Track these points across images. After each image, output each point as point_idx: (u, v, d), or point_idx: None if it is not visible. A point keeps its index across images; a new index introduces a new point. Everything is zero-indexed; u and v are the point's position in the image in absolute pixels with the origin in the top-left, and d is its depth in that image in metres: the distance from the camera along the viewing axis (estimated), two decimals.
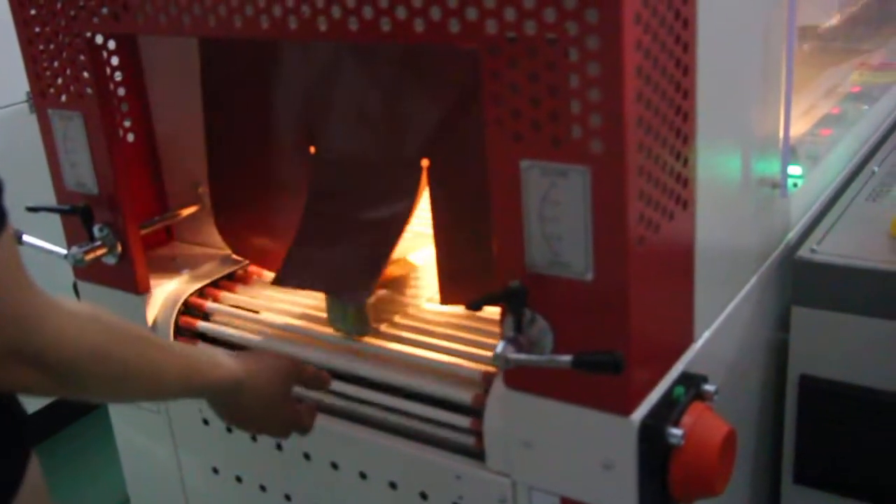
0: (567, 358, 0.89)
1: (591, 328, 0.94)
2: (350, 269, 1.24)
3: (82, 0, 1.20)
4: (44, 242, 1.33)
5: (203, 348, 1.13)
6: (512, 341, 0.94)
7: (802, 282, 1.29)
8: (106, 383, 0.89)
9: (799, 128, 1.57)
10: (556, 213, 0.92)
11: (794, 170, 1.35)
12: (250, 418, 1.08)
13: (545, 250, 0.93)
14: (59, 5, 1.23)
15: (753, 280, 1.25)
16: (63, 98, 1.29)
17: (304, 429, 1.13)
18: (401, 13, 0.95)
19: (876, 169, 1.57)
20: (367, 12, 0.97)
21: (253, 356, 1.09)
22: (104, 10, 1.18)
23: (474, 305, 0.95)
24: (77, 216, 1.31)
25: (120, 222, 1.31)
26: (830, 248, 1.30)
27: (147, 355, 0.93)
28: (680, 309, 1.05)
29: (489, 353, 0.97)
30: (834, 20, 1.96)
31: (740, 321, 1.22)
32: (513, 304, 0.94)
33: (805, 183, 1.39)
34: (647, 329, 0.96)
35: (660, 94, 0.92)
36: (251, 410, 1.07)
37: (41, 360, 0.82)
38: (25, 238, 1.33)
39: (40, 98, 1.32)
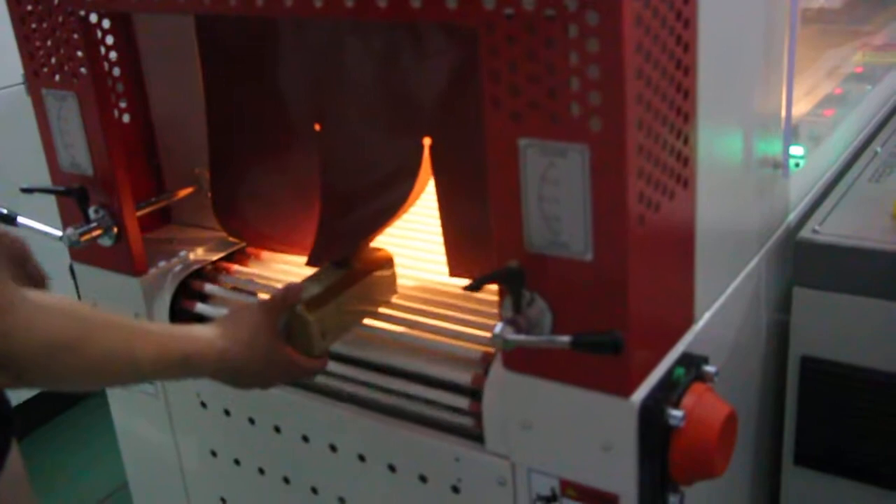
0: (566, 338, 0.89)
1: (591, 308, 0.93)
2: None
3: None
4: (39, 224, 1.31)
5: (181, 325, 1.12)
6: (511, 322, 0.93)
7: (804, 263, 1.28)
8: (76, 374, 0.87)
9: (801, 108, 1.56)
10: (554, 193, 0.90)
11: (795, 150, 1.34)
12: (251, 376, 1.07)
13: (544, 230, 0.92)
14: None
15: (755, 261, 1.24)
16: (57, 78, 1.28)
17: (308, 371, 1.11)
18: None
19: (879, 149, 1.55)
20: None
21: (230, 318, 1.07)
22: None
23: (473, 286, 0.94)
24: (72, 197, 1.30)
25: (115, 203, 1.29)
26: (832, 228, 1.29)
27: (119, 342, 0.91)
28: (680, 289, 1.04)
29: (488, 334, 0.96)
30: (836, 1, 1.95)
31: (741, 302, 1.21)
32: (511, 284, 0.93)
33: (807, 163, 1.37)
34: (647, 309, 0.95)
35: (660, 72, 0.90)
36: (248, 369, 1.05)
37: (7, 357, 0.79)
38: (21, 220, 1.32)
39: (34, 77, 1.31)
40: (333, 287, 1.15)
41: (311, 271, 1.23)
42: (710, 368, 1.01)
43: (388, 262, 1.24)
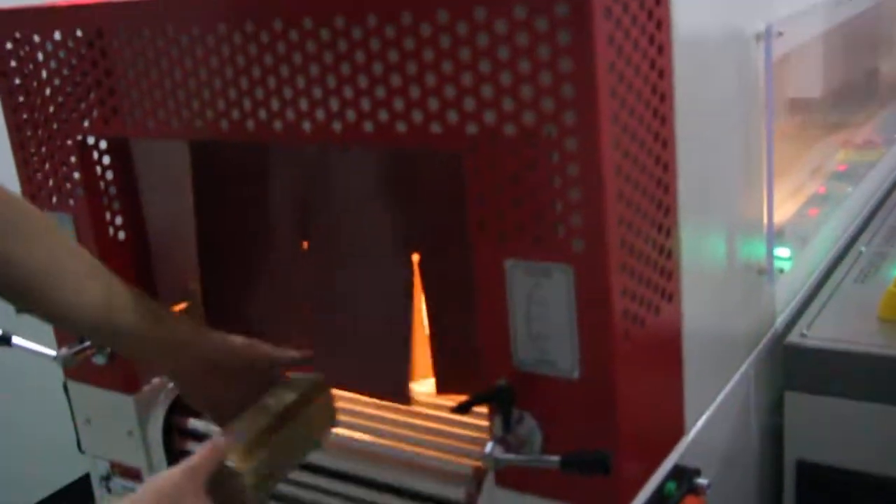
0: (555, 458, 0.89)
1: (580, 426, 0.93)
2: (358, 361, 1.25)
3: (74, 104, 1.22)
4: (33, 344, 1.32)
5: None
6: (501, 441, 0.94)
7: (794, 367, 1.28)
8: None
9: (787, 209, 1.58)
10: (541, 312, 0.92)
11: (782, 252, 1.36)
12: None
13: (531, 349, 0.93)
14: (51, 110, 1.26)
15: (744, 367, 1.25)
16: (54, 200, 1.30)
17: None
18: (383, 116, 0.96)
19: (863, 249, 1.57)
20: (350, 115, 0.99)
21: (150, 488, 0.93)
22: (94, 114, 1.20)
23: (461, 408, 0.94)
24: None
25: None
26: (820, 332, 1.30)
27: None
28: (669, 401, 1.04)
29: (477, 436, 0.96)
30: (816, 91, 1.99)
31: (732, 409, 1.21)
32: (500, 403, 0.94)
33: (793, 265, 1.39)
34: (637, 425, 0.96)
35: (641, 191, 0.93)
36: None
37: None
38: (15, 340, 1.32)
39: (31, 200, 1.33)
40: (266, 430, 1.03)
41: None
42: (702, 481, 1.01)
43: (323, 390, 1.12)
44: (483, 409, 0.99)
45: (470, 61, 0.89)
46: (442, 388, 1.20)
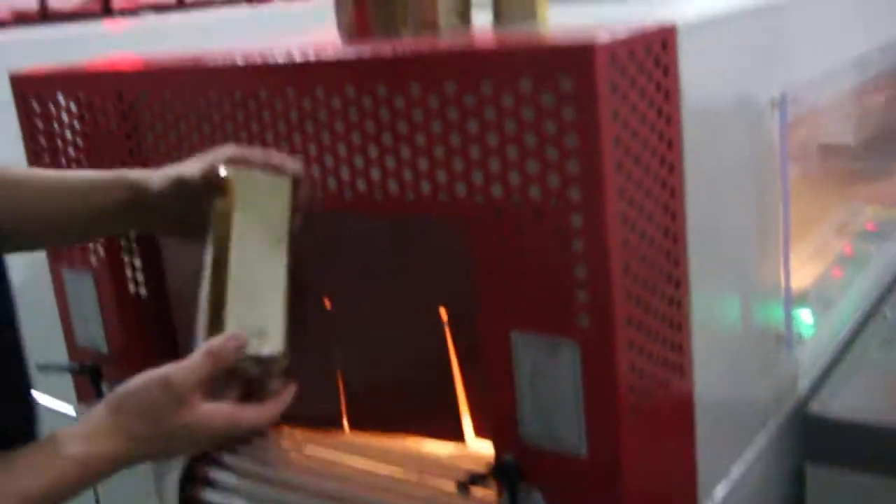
0: None
1: (587, 503, 0.92)
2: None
3: (96, 164, 1.24)
4: (53, 400, 1.34)
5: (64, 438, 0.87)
6: None
7: (815, 438, 1.25)
8: None
9: (811, 270, 1.56)
10: (547, 386, 0.91)
11: (805, 316, 1.33)
12: (173, 452, 0.92)
13: (538, 423, 0.92)
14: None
15: (762, 437, 1.22)
16: (75, 258, 1.32)
17: (253, 427, 0.92)
18: (393, 186, 0.97)
19: (888, 314, 1.54)
20: (361, 185, 0.99)
21: (125, 406, 0.88)
22: None
23: (464, 485, 0.93)
24: (85, 375, 1.32)
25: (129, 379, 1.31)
26: (843, 401, 1.26)
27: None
28: (680, 475, 1.02)
29: None
30: (851, 139, 1.95)
31: (750, 481, 1.18)
32: (507, 479, 0.93)
33: (816, 330, 1.37)
34: (646, 500, 0.94)
35: (649, 266, 0.92)
36: (165, 452, 0.89)
37: None
38: (34, 395, 1.33)
39: (54, 259, 1.36)
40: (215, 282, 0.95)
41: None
42: None
43: (224, 189, 0.96)
44: None
45: (477, 133, 0.90)
46: (478, 433, 1.19)
